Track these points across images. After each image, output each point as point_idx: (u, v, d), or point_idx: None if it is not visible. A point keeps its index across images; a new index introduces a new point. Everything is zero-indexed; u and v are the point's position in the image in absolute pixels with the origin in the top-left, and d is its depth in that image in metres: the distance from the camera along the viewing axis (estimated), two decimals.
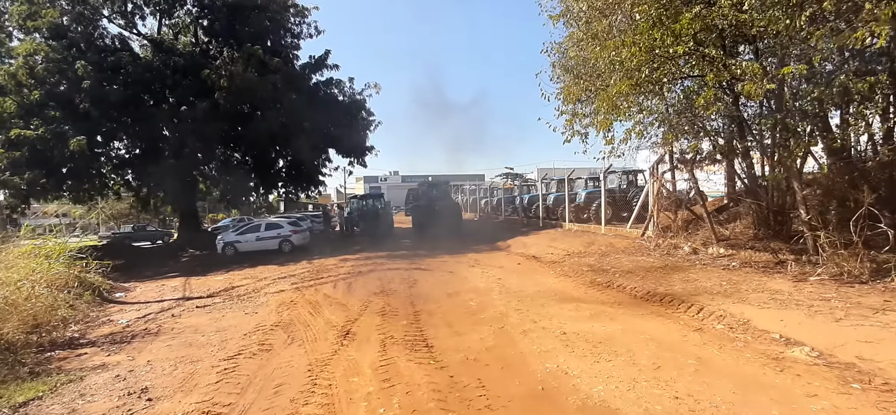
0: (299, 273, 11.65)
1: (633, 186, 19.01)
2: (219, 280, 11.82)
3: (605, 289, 7.66)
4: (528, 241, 14.41)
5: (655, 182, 11.42)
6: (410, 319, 6.40)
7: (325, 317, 6.83)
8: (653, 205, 11.46)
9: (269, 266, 14.06)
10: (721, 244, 9.36)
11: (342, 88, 21.47)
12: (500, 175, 45.53)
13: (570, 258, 10.82)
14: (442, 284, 9.00)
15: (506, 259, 12.03)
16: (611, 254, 10.69)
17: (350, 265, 12.35)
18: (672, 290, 7.00)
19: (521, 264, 10.94)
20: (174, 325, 7.29)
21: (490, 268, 10.62)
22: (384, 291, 8.39)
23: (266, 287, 9.89)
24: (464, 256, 13.04)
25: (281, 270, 12.56)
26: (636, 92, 7.00)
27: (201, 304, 8.70)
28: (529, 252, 12.64)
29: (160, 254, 20.60)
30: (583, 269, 9.41)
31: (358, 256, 14.32)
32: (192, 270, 15.47)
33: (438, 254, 13.97)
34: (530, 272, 9.86)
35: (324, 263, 13.52)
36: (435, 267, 11.22)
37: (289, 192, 25.05)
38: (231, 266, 15.11)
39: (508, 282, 8.75)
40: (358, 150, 22.91)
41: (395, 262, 12.54)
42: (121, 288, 12.15)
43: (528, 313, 6.31)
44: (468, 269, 10.72)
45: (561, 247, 12.46)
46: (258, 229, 18.35)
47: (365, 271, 10.99)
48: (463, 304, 7.20)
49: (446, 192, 20.86)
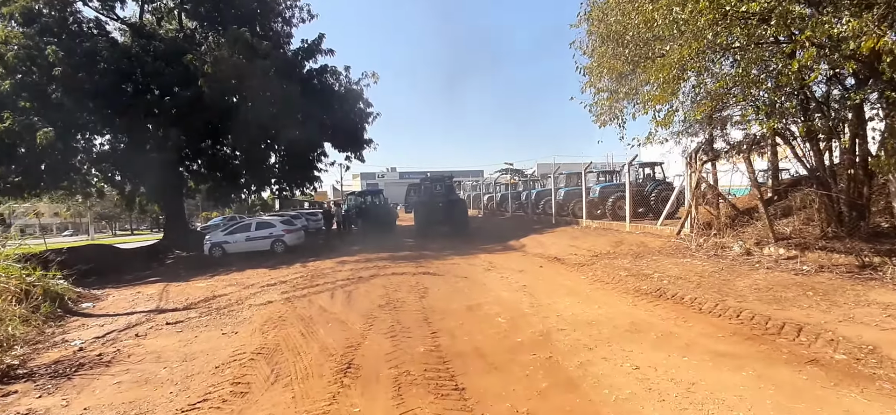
0: (292, 279, 10.29)
1: (650, 179, 17.78)
2: (200, 287, 10.44)
3: (657, 300, 6.36)
4: (545, 240, 13.11)
5: (694, 173, 10.12)
6: (428, 344, 5.06)
7: (321, 340, 5.48)
8: (690, 199, 10.16)
9: (259, 270, 12.70)
10: (780, 244, 8.07)
11: (338, 77, 20.03)
12: (498, 171, 44.43)
13: (599, 260, 9.52)
14: (458, 293, 7.67)
15: (524, 261, 10.71)
16: (646, 255, 9.39)
17: (349, 269, 11.00)
18: (746, 303, 5.71)
19: (545, 268, 9.63)
20: (134, 349, 5.92)
21: (509, 272, 9.30)
22: (391, 303, 7.05)
23: (252, 297, 8.52)
24: (475, 258, 11.72)
25: (271, 275, 11.20)
26: (699, 60, 5.67)
27: (174, 319, 7.33)
28: (549, 253, 11.33)
29: (145, 256, 19.15)
30: (620, 274, 8.10)
31: (357, 258, 12.96)
32: (175, 274, 14.09)
33: (446, 255, 12.64)
34: (557, 277, 8.55)
35: (319, 266, 12.16)
36: (445, 271, 9.89)
37: (282, 189, 23.60)
38: (217, 270, 13.73)
39: (536, 290, 7.44)
40: (355, 143, 21.49)
41: (399, 265, 11.20)
42: (90, 297, 10.73)
43: (577, 335, 5.00)
44: (484, 273, 9.40)
45: (584, 247, 11.16)
46: (248, 229, 16.96)
47: (366, 277, 9.64)
48: (490, 321, 5.87)
49: (451, 187, 18.89)
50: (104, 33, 17.53)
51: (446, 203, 17.89)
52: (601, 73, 7.63)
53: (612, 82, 7.54)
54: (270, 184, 23.14)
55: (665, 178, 18.51)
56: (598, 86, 7.72)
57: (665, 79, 5.78)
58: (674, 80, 5.90)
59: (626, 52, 6.99)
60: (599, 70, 7.74)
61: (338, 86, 19.93)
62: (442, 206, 17.74)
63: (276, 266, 13.07)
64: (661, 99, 6.33)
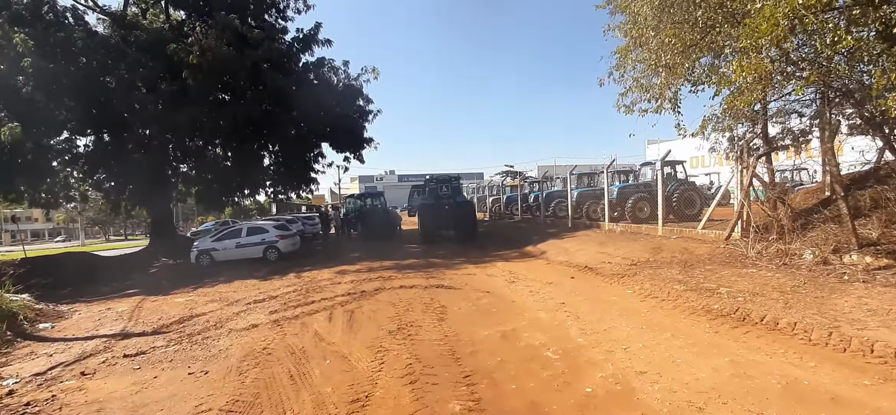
0: (283, 293, 8.91)
1: (671, 179, 16.50)
2: (179, 304, 9.04)
3: (740, 324, 5.03)
4: (568, 246, 11.78)
5: (746, 169, 8.79)
6: (463, 397, 3.70)
7: (315, 387, 4.11)
8: (742, 199, 8.84)
9: (249, 280, 11.32)
10: (865, 251, 6.76)
11: (336, 72, 18.69)
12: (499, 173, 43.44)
13: (641, 270, 8.18)
14: (484, 313, 6.31)
15: (551, 271, 9.37)
16: (697, 265, 8.06)
17: (349, 281, 9.63)
18: (870, 331, 4.38)
19: (578, 280, 8.29)
20: (73, 397, 4.54)
21: (537, 285, 7.95)
22: (404, 329, 5.68)
23: (235, 318, 7.14)
24: (492, 267, 10.38)
25: (261, 289, 9.82)
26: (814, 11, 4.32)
27: (135, 349, 5.94)
28: (577, 261, 10.00)
29: (128, 265, 17.71)
30: (674, 287, 6.76)
31: (358, 268, 11.59)
32: (156, 285, 12.69)
33: (458, 263, 11.30)
34: (598, 292, 7.21)
35: (316, 276, 10.79)
36: (461, 283, 8.54)
37: (277, 192, 22.18)
38: (203, 280, 12.34)
39: (579, 310, 6.09)
40: (355, 142, 20.11)
41: (406, 275, 9.84)
42: (52, 316, 9.32)
43: (669, 383, 3.66)
44: (508, 286, 8.05)
45: (617, 254, 9.83)
46: (238, 235, 15.55)
47: (370, 291, 8.27)
48: (537, 356, 4.52)
49: (458, 189, 17.24)
50: (83, 23, 16.15)
51: (454, 206, 16.46)
52: (658, 49, 6.31)
53: (671, 56, 6.24)
54: (265, 186, 21.74)
55: (687, 176, 17.21)
56: (653, 61, 6.40)
57: (770, 35, 4.42)
58: (777, 40, 4.57)
59: (698, 15, 5.67)
60: (652, 45, 6.42)
61: (336, 80, 18.58)
62: (449, 209, 16.33)
63: (267, 276, 11.68)
64: (748, 70, 4.96)
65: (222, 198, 20.27)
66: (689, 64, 6.33)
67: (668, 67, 6.30)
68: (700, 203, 15.68)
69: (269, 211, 44.17)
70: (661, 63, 6.19)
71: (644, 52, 6.84)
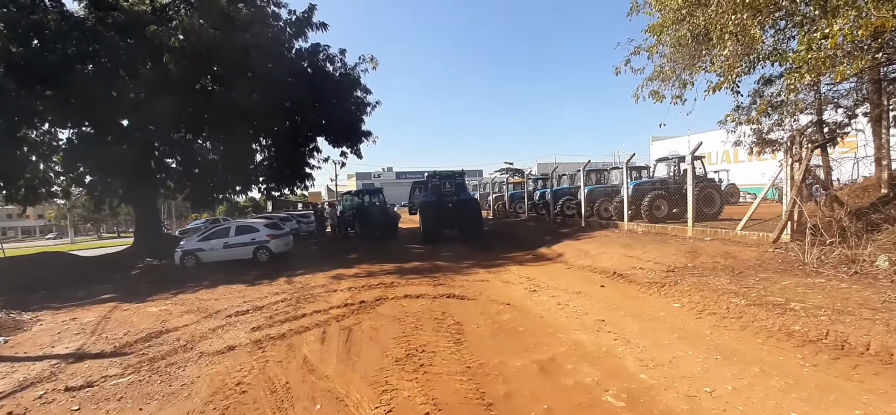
0: (271, 302, 7.80)
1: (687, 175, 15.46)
2: (150, 315, 7.91)
3: (841, 355, 3.96)
4: (587, 248, 10.70)
5: (797, 162, 7.73)
6: None
7: None
8: (794, 196, 7.78)
9: (235, 286, 10.20)
10: None
11: (332, 60, 17.51)
12: (498, 170, 42.66)
13: (679, 278, 7.11)
14: (509, 333, 5.22)
15: (573, 277, 8.30)
16: (746, 272, 7.00)
17: (347, 288, 8.52)
18: None
19: (608, 288, 7.21)
20: None
21: (564, 295, 6.88)
22: (414, 355, 4.58)
23: (210, 335, 6.03)
24: (506, 271, 9.30)
25: (246, 296, 8.69)
26: None
27: (82, 380, 4.82)
28: (601, 265, 8.93)
29: (108, 266, 16.54)
30: (732, 301, 5.69)
31: (356, 272, 10.49)
32: (133, 290, 11.56)
33: (467, 266, 10.21)
34: (636, 304, 6.13)
35: (309, 282, 9.68)
36: (475, 292, 7.45)
37: (271, 188, 20.98)
38: (185, 285, 11.22)
39: (626, 330, 5.02)
40: (352, 136, 18.95)
41: (410, 281, 8.74)
42: (10, 327, 8.20)
43: None
44: (530, 296, 6.96)
45: (647, 258, 8.76)
46: (226, 234, 14.39)
47: (370, 302, 7.17)
48: (592, 401, 3.43)
49: (462, 185, 16.20)
50: (58, 5, 14.91)
51: (458, 203, 15.44)
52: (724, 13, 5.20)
53: (743, 16, 5.15)
54: (257, 182, 20.55)
55: (706, 172, 16.15)
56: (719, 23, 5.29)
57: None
58: None
59: None
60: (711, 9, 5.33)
61: (332, 69, 17.41)
62: (453, 206, 15.33)
63: (255, 281, 10.56)
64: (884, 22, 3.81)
65: (211, 194, 19.10)
66: (761, 29, 5.22)
67: (735, 33, 5.22)
68: (720, 201, 14.67)
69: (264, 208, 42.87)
70: (727, 28, 5.10)
71: (698, 19, 5.75)
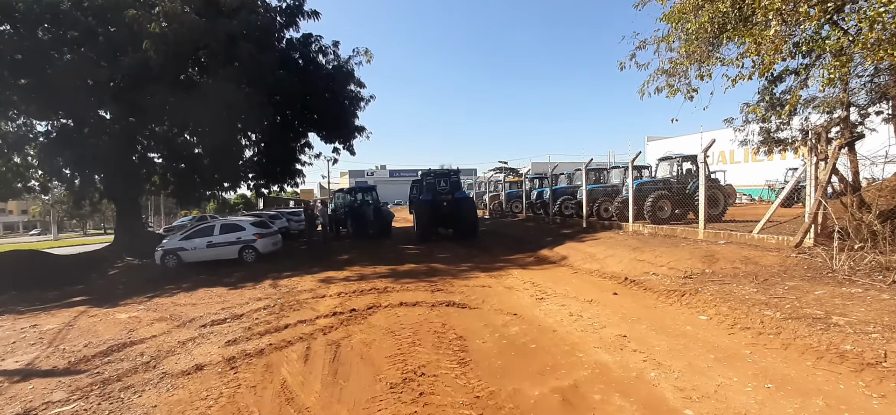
0: (252, 309, 7.09)
1: (691, 175, 14.98)
2: (117, 324, 7.17)
3: None
4: (592, 251, 10.11)
5: (823, 160, 7.17)
6: None
7: None
8: (819, 197, 7.23)
9: (216, 288, 9.48)
10: None
11: (324, 52, 16.76)
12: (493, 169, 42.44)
13: (699, 285, 6.52)
14: (520, 350, 4.59)
15: (582, 283, 7.69)
16: (772, 279, 6.43)
17: (336, 293, 7.83)
18: None
19: (622, 296, 6.61)
20: None
21: (575, 304, 6.26)
22: (411, 380, 3.93)
23: (178, 350, 5.32)
24: (507, 275, 8.68)
25: (226, 302, 7.97)
26: None
27: (18, 407, 4.11)
28: (610, 270, 8.33)
29: (85, 265, 15.67)
30: (765, 314, 5.11)
31: (347, 274, 9.81)
32: (108, 292, 10.78)
33: (466, 269, 9.58)
34: (657, 316, 5.53)
35: (296, 285, 8.98)
36: (477, 299, 6.80)
37: (260, 185, 20.18)
38: (163, 287, 10.48)
39: (652, 348, 4.41)
40: (345, 131, 18.24)
41: (405, 286, 8.07)
42: None
43: None
44: (538, 305, 6.33)
45: (659, 262, 8.17)
46: (210, 232, 13.62)
47: (361, 310, 6.49)
48: None
49: (457, 183, 16.04)
50: None
51: (453, 202, 15.14)
52: None
53: None
54: (245, 179, 19.73)
55: (710, 172, 15.65)
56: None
57: None
58: None
59: None
60: None
61: (324, 61, 16.66)
62: (447, 205, 15.06)
63: (239, 284, 9.83)
64: None
65: (197, 191, 18.28)
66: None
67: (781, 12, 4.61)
68: (724, 202, 14.23)
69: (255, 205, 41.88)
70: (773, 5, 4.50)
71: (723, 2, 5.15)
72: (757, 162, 33.28)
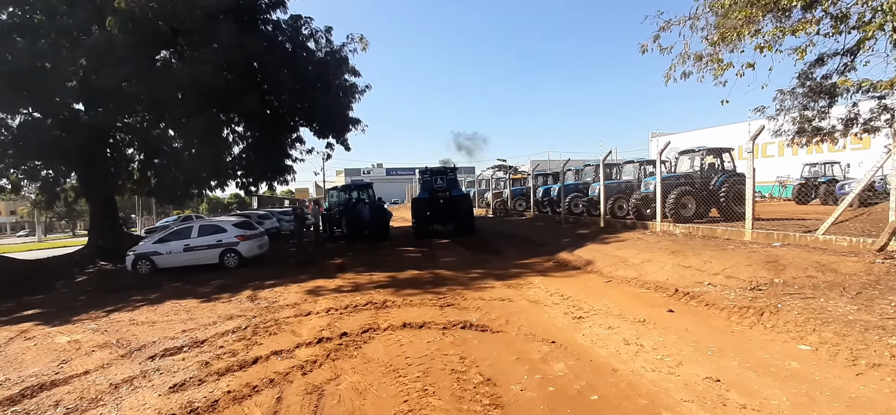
0: (219, 332, 5.74)
1: (715, 170, 13.73)
2: (55, 349, 5.79)
3: None
4: (622, 254, 8.79)
5: None
6: None
7: None
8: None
9: (185, 301, 8.11)
10: None
11: (316, 37, 15.36)
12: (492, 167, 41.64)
13: (774, 300, 5.22)
14: (577, 404, 3.27)
15: (621, 295, 6.38)
16: (869, 293, 5.13)
17: (324, 309, 6.48)
18: None
19: (680, 315, 5.30)
20: None
21: (620, 324, 4.95)
22: None
23: (105, 399, 3.96)
24: (528, 283, 7.36)
25: (192, 319, 6.60)
26: None
27: None
28: (651, 278, 7.02)
29: (52, 270, 14.22)
30: (890, 343, 3.82)
31: (340, 283, 8.46)
32: (65, 305, 9.40)
33: (478, 276, 8.25)
34: (742, 345, 4.22)
35: (278, 298, 7.62)
36: (499, 319, 5.47)
37: (248, 183, 18.66)
38: (129, 298, 9.10)
39: (766, 403, 3.11)
40: (338, 124, 16.83)
41: (409, 300, 6.73)
42: None
43: None
44: (577, 326, 5.01)
45: (710, 269, 6.87)
46: (188, 235, 12.22)
47: (355, 335, 5.15)
48: None
49: (454, 180, 16.23)
50: None
51: (449, 199, 15.49)
52: None
53: None
54: (234, 176, 18.22)
55: (735, 167, 14.36)
56: None
57: None
58: None
59: None
60: None
61: (315, 47, 15.26)
62: (444, 202, 15.41)
63: (212, 295, 8.45)
64: None
65: (179, 189, 16.82)
66: None
67: None
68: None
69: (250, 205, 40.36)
70: None
71: None
72: (767, 157, 32.16)
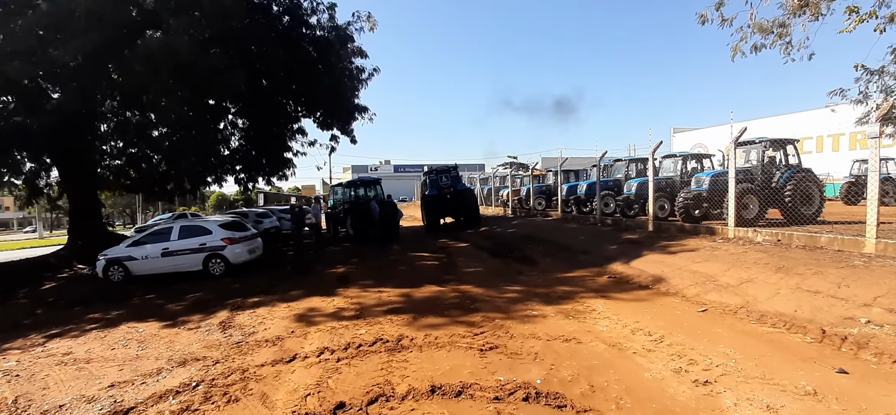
0: (159, 392, 3.93)
1: (774, 165, 11.64)
2: None
3: None
4: (704, 270, 6.84)
5: None
6: None
7: None
8: None
9: (145, 325, 6.33)
10: None
11: (317, 10, 13.52)
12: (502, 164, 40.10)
13: None
14: None
15: (728, 332, 4.45)
16: None
17: (315, 351, 4.63)
18: None
19: (856, 378, 3.38)
20: None
21: (778, 397, 3.04)
22: None
23: None
24: (584, 307, 5.46)
25: (136, 362, 4.80)
26: None
27: None
28: (766, 308, 5.07)
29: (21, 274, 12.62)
30: None
31: (341, 305, 6.61)
32: (14, 320, 7.71)
33: (516, 296, 6.36)
34: None
35: (258, 327, 5.80)
36: (575, 376, 3.59)
37: (246, 179, 16.87)
38: (85, 315, 7.38)
39: None
40: (343, 112, 15.01)
41: (432, 333, 4.87)
42: None
43: None
44: (701, 398, 3.12)
45: (854, 296, 4.91)
46: (167, 237, 10.48)
47: (357, 409, 3.30)
48: None
49: (457, 177, 17.44)
50: None
51: (455, 194, 16.72)
52: None
53: None
54: (231, 170, 16.46)
55: (800, 161, 12.19)
56: None
57: None
58: None
59: None
60: None
61: (315, 21, 13.42)
62: (451, 197, 16.58)
63: (181, 317, 6.66)
64: None
65: (166, 183, 15.17)
66: None
67: None
68: (820, 199, 10.73)
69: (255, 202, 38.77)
70: None
71: None
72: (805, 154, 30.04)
